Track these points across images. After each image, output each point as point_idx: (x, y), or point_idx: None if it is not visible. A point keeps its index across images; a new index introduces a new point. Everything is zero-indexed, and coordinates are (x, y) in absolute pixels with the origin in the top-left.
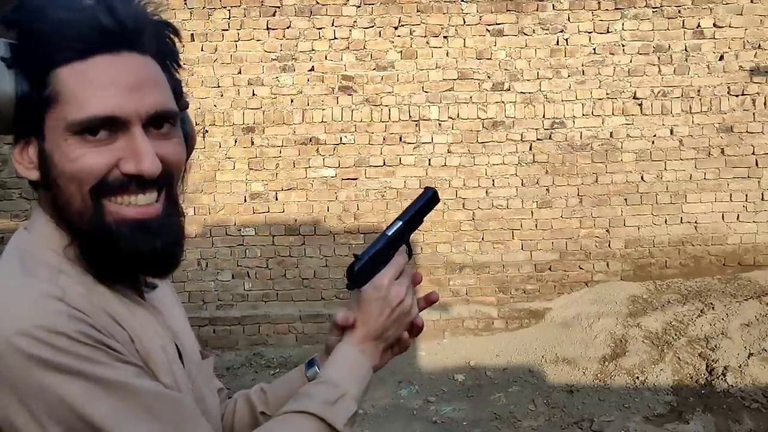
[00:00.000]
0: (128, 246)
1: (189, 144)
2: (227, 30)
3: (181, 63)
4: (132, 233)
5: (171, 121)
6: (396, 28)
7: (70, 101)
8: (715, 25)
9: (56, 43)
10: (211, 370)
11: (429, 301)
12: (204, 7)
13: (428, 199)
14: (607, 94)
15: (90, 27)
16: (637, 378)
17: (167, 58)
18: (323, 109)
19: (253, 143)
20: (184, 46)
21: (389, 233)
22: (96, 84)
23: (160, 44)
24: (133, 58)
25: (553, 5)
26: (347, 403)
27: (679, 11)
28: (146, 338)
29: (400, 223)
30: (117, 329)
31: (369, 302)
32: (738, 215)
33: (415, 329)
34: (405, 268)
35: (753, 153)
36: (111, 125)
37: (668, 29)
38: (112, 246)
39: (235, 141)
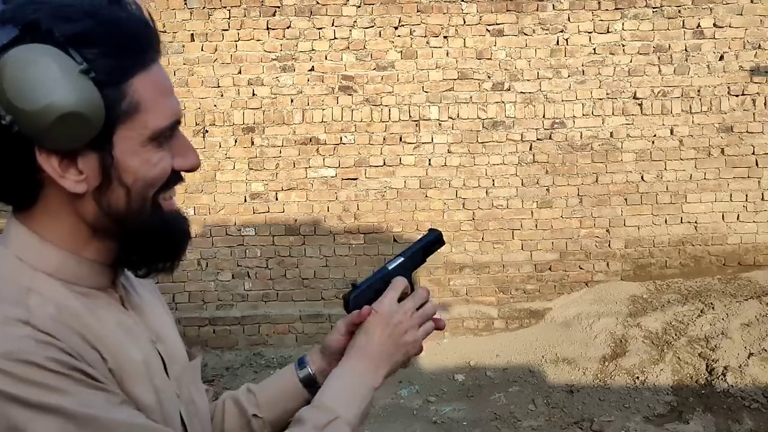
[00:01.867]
0: (177, 232)
1: None
2: (227, 30)
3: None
4: (180, 221)
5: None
6: (396, 28)
7: (149, 110)
8: (715, 25)
9: (132, 53)
10: (198, 370)
11: (437, 327)
12: (204, 7)
13: (432, 240)
14: (607, 94)
15: (153, 35)
16: (637, 378)
17: None
18: (323, 109)
19: (253, 143)
20: (184, 45)
21: (389, 267)
22: (163, 90)
23: None
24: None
25: (553, 5)
26: (339, 428)
27: (679, 11)
28: (122, 354)
29: (401, 259)
30: (87, 350)
31: (370, 326)
32: (738, 215)
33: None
34: (411, 292)
35: (753, 153)
36: (174, 129)
37: (668, 29)
38: (168, 236)
39: (235, 141)
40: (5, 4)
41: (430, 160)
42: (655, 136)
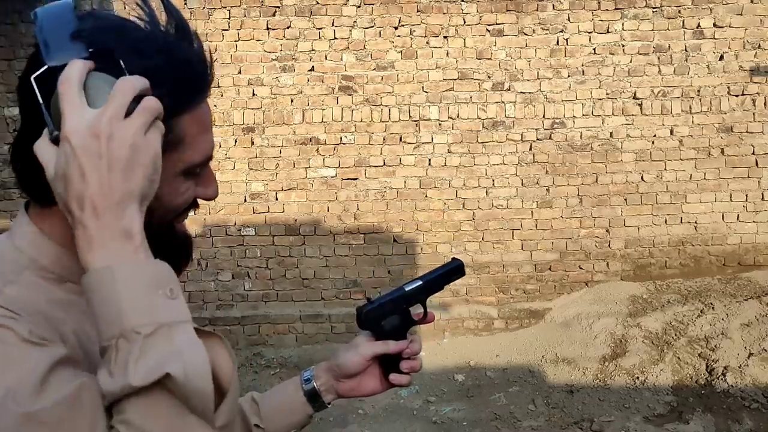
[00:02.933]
0: (186, 252)
1: None
2: (227, 30)
3: None
4: (186, 242)
5: None
6: (396, 28)
7: (188, 145)
8: (715, 25)
9: (189, 92)
10: None
11: (427, 320)
12: (204, 7)
13: (453, 269)
14: (607, 94)
15: (210, 76)
16: (637, 378)
17: None
18: (323, 109)
19: (253, 143)
20: None
21: (406, 289)
22: (205, 128)
23: None
24: None
25: (553, 5)
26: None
27: (679, 11)
28: (93, 348)
29: (420, 282)
30: (50, 334)
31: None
32: (738, 215)
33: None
34: (425, 315)
35: (753, 153)
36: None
37: (668, 29)
38: (172, 254)
39: (235, 141)
40: (80, 20)
41: (430, 160)
42: (655, 136)
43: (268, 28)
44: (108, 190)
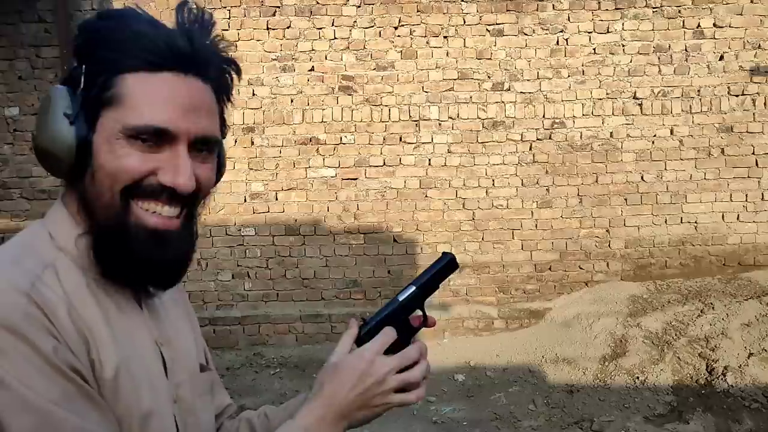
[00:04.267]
0: (140, 250)
1: (220, 172)
2: (227, 30)
3: (232, 100)
4: (147, 240)
5: (212, 147)
6: (396, 28)
7: (131, 106)
8: (715, 25)
9: (129, 49)
10: (209, 385)
11: (429, 325)
12: (204, 7)
13: (445, 265)
14: (607, 94)
15: (166, 45)
16: (637, 378)
17: (223, 92)
18: (323, 109)
19: (253, 143)
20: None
21: (400, 299)
22: (159, 96)
23: (221, 78)
24: (196, 83)
25: (553, 5)
26: None
27: (679, 11)
28: (112, 351)
29: (413, 288)
30: (74, 338)
31: (345, 371)
32: (738, 215)
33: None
34: (424, 320)
35: (753, 153)
36: (161, 137)
37: (668, 29)
38: (125, 246)
39: (235, 141)
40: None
41: (430, 160)
42: (655, 136)
43: (268, 28)
44: (345, 404)
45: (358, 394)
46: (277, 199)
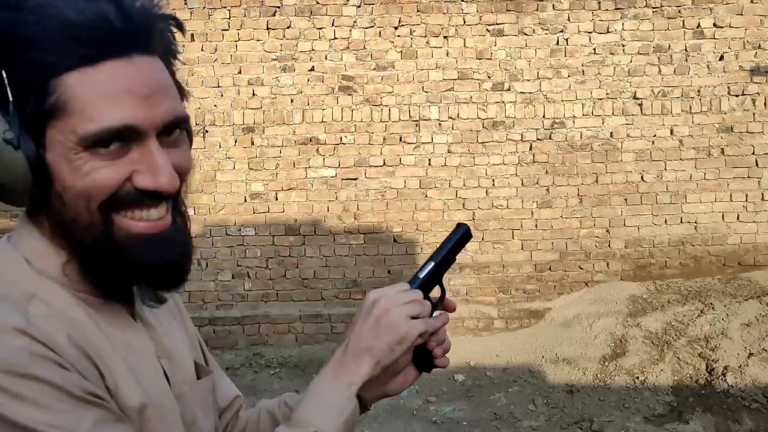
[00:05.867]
0: (141, 259)
1: (190, 142)
2: (227, 30)
3: (179, 55)
4: (144, 247)
5: (181, 125)
6: (396, 28)
7: (79, 112)
8: (715, 25)
9: (62, 46)
10: (209, 390)
11: (448, 309)
12: (204, 7)
13: (461, 237)
14: (607, 94)
15: (101, 28)
16: (637, 378)
17: (170, 55)
18: (323, 109)
19: (253, 143)
20: (184, 45)
21: (421, 276)
22: (109, 92)
23: (165, 42)
24: (144, 61)
25: (553, 5)
26: None
27: (679, 11)
28: (120, 369)
29: (432, 263)
30: (85, 364)
31: (356, 316)
32: (738, 215)
33: (425, 358)
34: (443, 294)
35: (753, 153)
36: (124, 137)
37: (668, 29)
38: (121, 260)
39: (235, 141)
40: None
41: (430, 160)
42: (655, 136)
43: (268, 28)
44: (361, 336)
45: (366, 324)
46: (277, 199)
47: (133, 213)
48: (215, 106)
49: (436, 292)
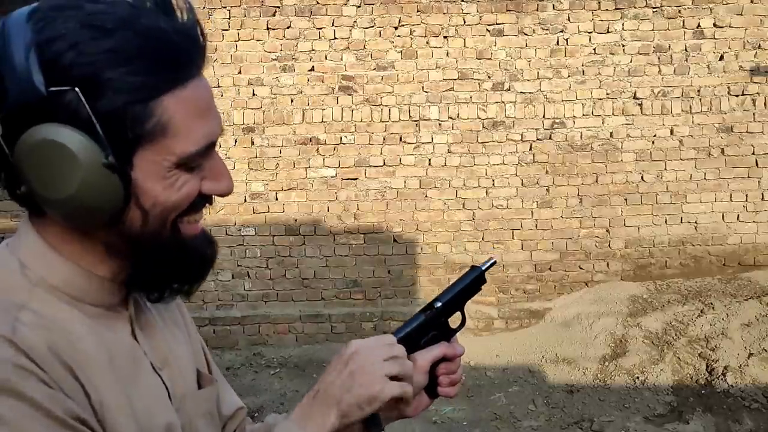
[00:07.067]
0: (202, 257)
1: None
2: (227, 30)
3: None
4: (202, 246)
5: None
6: (396, 28)
7: (177, 133)
8: (715, 25)
9: (164, 68)
10: (212, 399)
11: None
12: (204, 7)
13: (472, 280)
14: (607, 94)
15: (193, 48)
16: (637, 378)
17: None
18: (323, 109)
19: (253, 143)
20: None
21: (408, 329)
22: (197, 112)
23: None
24: (204, 77)
25: (553, 5)
26: None
27: (679, 11)
28: (111, 388)
29: (440, 303)
30: (71, 382)
31: (333, 361)
32: (738, 215)
33: (405, 405)
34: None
35: (753, 153)
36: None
37: (668, 29)
38: (189, 260)
39: (235, 141)
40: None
41: (430, 160)
42: (655, 136)
43: (268, 28)
44: (331, 386)
45: (337, 375)
46: (277, 199)
47: (190, 217)
48: None
49: (456, 319)
